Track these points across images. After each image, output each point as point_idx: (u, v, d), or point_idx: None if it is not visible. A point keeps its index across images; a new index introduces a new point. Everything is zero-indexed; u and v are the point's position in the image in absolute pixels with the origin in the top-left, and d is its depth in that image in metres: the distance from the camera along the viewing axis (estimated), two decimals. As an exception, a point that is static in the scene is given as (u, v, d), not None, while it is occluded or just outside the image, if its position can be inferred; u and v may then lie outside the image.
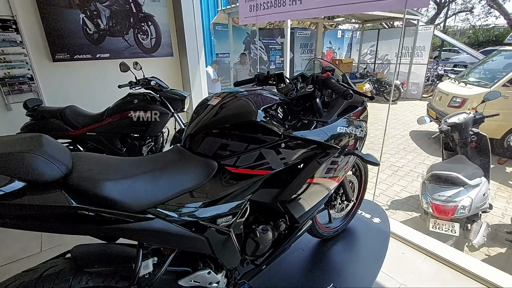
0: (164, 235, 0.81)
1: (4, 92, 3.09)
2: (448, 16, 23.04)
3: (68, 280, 0.77)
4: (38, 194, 0.62)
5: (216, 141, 0.94)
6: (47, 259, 0.87)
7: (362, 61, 11.08)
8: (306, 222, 1.25)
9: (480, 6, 22.31)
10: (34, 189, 0.62)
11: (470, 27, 24.08)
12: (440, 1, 22.03)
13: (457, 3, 22.73)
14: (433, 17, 22.62)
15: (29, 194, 0.61)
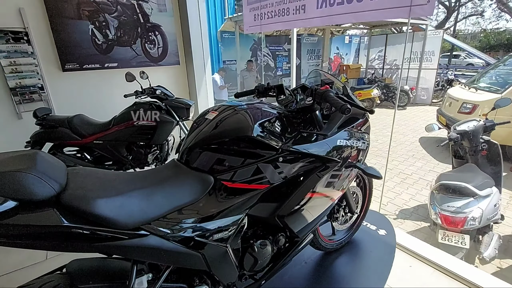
0: (158, 252, 0.80)
1: (15, 101, 3.18)
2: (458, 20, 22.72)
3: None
4: (30, 213, 0.62)
5: (212, 156, 0.93)
6: (51, 267, 0.88)
7: (370, 66, 11.00)
8: (306, 236, 1.22)
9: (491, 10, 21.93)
10: (26, 208, 0.62)
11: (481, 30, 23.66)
12: (450, 5, 21.77)
13: (467, 6, 22.41)
14: (443, 21, 22.34)
15: (21, 213, 0.61)
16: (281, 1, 2.52)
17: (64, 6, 3.21)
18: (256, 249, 1.05)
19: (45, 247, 0.69)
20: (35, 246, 0.67)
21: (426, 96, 9.34)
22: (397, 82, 9.77)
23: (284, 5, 2.52)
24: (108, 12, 3.47)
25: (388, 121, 7.51)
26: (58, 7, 3.19)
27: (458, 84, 6.66)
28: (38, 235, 0.65)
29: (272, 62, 8.71)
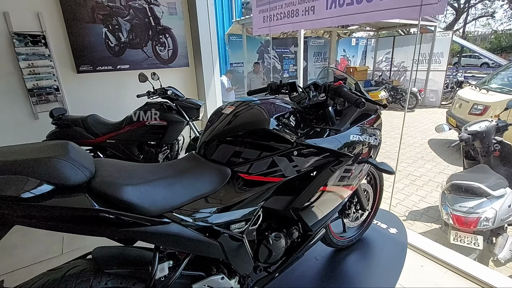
0: (179, 239, 0.83)
1: (32, 102, 3.29)
2: (467, 21, 22.45)
3: (89, 280, 0.81)
4: (64, 197, 0.66)
5: (229, 148, 0.96)
6: (67, 261, 0.92)
7: (377, 68, 10.95)
8: (319, 230, 1.24)
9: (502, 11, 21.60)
10: (60, 192, 0.66)
11: (492, 32, 23.32)
12: (458, 7, 21.55)
13: (477, 8, 22.12)
14: (452, 22, 22.12)
15: (56, 197, 0.65)
16: (290, 3, 2.56)
17: (79, 10, 3.32)
18: (271, 241, 1.08)
19: (76, 230, 0.72)
20: (66, 229, 0.71)
21: (435, 98, 9.24)
22: (405, 84, 9.71)
23: (293, 6, 2.55)
24: (121, 15, 3.57)
25: (395, 123, 7.45)
26: (74, 11, 3.29)
27: (468, 85, 6.59)
28: (70, 218, 0.69)
29: (278, 65, 8.76)
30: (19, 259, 2.11)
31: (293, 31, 7.97)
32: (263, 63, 8.24)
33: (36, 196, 0.63)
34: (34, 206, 0.64)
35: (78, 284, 0.79)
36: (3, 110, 3.20)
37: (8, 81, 3.18)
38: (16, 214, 0.64)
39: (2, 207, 0.62)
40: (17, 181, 0.61)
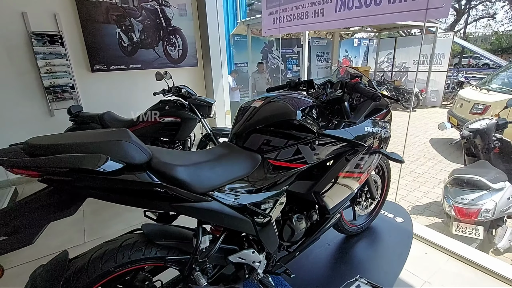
0: (219, 215, 0.95)
1: (49, 99, 3.41)
2: (468, 22, 22.57)
3: (142, 250, 0.93)
4: (131, 173, 0.78)
5: (260, 137, 1.09)
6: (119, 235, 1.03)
7: (379, 69, 11.06)
8: (335, 214, 1.36)
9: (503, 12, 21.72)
10: (127, 169, 0.78)
11: (493, 33, 23.43)
12: (459, 8, 21.69)
13: (478, 9, 22.25)
14: (453, 23, 22.25)
15: (125, 173, 0.77)
16: (300, 5, 2.68)
17: (94, 11, 3.44)
18: (294, 222, 1.20)
19: (136, 203, 0.84)
20: (129, 202, 0.83)
21: (436, 99, 9.36)
22: (406, 84, 9.83)
23: (303, 9, 2.67)
24: (134, 16, 3.69)
25: (397, 123, 7.57)
26: (89, 12, 3.41)
27: (469, 86, 6.71)
28: (134, 192, 0.82)
29: (282, 65, 8.88)
30: (43, 248, 2.22)
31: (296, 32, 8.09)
32: (267, 63, 8.36)
33: (109, 172, 0.75)
34: (107, 180, 0.76)
35: (133, 253, 0.91)
36: (21, 107, 3.32)
37: (26, 79, 3.30)
38: (90, 186, 0.76)
39: (80, 180, 0.74)
40: (94, 158, 0.72)
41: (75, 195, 0.79)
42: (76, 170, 0.71)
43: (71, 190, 0.77)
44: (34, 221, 0.74)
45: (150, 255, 0.93)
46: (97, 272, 0.86)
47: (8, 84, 3.20)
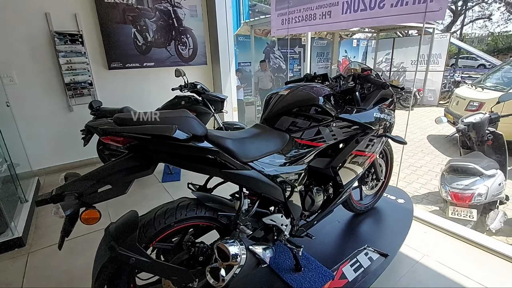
0: (257, 182, 1.16)
1: (68, 95, 3.61)
2: (465, 23, 22.91)
3: (194, 210, 1.14)
4: (195, 142, 0.99)
5: (288, 119, 1.30)
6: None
7: (377, 69, 11.32)
8: (347, 190, 1.57)
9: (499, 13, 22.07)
10: (192, 139, 0.99)
11: (489, 34, 23.80)
12: (456, 9, 22.03)
13: (474, 10, 22.61)
14: (449, 25, 22.59)
15: (190, 141, 0.98)
16: (308, 7, 2.90)
17: (112, 12, 3.64)
18: (313, 194, 1.41)
19: (195, 168, 1.05)
20: (189, 167, 1.04)
21: (433, 98, 9.62)
22: (404, 84, 10.08)
23: (311, 11, 2.89)
24: (148, 17, 3.89)
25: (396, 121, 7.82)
26: (107, 13, 3.61)
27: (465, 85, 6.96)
28: (193, 158, 1.02)
29: (283, 64, 9.10)
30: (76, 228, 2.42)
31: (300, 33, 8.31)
32: (269, 62, 8.58)
33: (179, 139, 0.95)
34: (177, 146, 0.96)
35: (188, 212, 1.12)
36: (43, 102, 3.51)
37: (49, 76, 3.50)
38: (163, 151, 0.97)
39: (157, 144, 0.95)
40: (169, 128, 0.93)
41: (150, 160, 0.99)
42: (155, 136, 0.92)
43: (146, 155, 0.98)
44: (122, 178, 0.95)
45: (201, 214, 1.14)
46: (161, 225, 1.07)
47: (32, 80, 3.40)
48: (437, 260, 1.84)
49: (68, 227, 0.93)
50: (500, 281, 1.69)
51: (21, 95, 3.36)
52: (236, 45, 8.44)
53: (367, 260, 1.60)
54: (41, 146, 3.60)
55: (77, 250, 2.17)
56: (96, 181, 0.93)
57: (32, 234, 2.41)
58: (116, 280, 1.04)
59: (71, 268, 1.96)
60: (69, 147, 3.71)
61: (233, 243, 1.07)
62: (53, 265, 2.00)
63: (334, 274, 1.50)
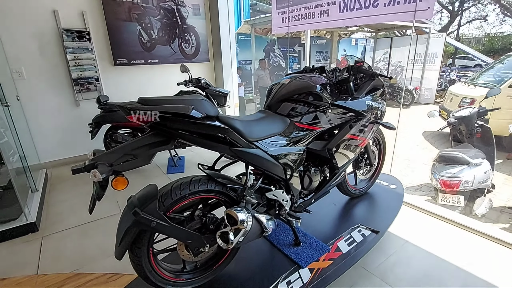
0: (261, 159, 1.31)
1: (76, 90, 3.74)
2: (461, 24, 23.15)
3: (206, 184, 1.28)
4: (208, 121, 1.14)
5: (289, 105, 1.45)
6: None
7: (376, 68, 11.50)
8: (341, 171, 1.73)
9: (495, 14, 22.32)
10: (206, 118, 1.14)
11: (485, 34, 24.06)
12: (453, 10, 22.25)
13: (471, 11, 22.83)
14: (447, 25, 22.81)
15: (204, 120, 1.13)
16: (308, 6, 3.05)
17: (118, 10, 3.78)
18: (311, 173, 1.56)
19: (206, 145, 1.19)
20: (202, 143, 1.18)
21: (430, 96, 9.81)
22: (401, 82, 10.26)
23: (310, 9, 3.04)
24: (153, 15, 4.03)
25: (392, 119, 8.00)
26: (113, 11, 3.75)
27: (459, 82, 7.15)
28: (206, 136, 1.17)
29: (283, 63, 9.26)
30: (85, 215, 2.56)
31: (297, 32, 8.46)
32: (269, 61, 8.74)
33: (195, 118, 1.10)
34: (193, 123, 1.11)
35: (200, 185, 1.27)
36: (51, 97, 3.65)
37: (57, 72, 3.63)
38: (179, 128, 1.12)
39: (175, 122, 1.09)
40: (187, 107, 1.07)
41: (169, 136, 1.14)
42: (175, 114, 1.07)
43: (166, 132, 1.13)
44: (146, 151, 1.10)
45: (211, 188, 1.29)
46: (177, 196, 1.21)
47: (40, 76, 3.53)
48: (425, 240, 2.00)
49: (100, 192, 1.07)
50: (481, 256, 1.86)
51: (30, 90, 3.49)
52: (237, 44, 8.59)
53: (360, 236, 1.75)
54: (49, 140, 3.73)
55: (88, 234, 2.32)
56: (124, 153, 1.07)
57: (44, 220, 2.55)
58: (138, 243, 1.19)
59: (83, 250, 2.10)
60: (76, 141, 3.84)
61: (240, 211, 1.22)
62: (66, 248, 2.15)
63: (330, 248, 1.66)
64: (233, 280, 1.47)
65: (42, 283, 1.79)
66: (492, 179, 2.86)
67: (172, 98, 1.14)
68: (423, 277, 1.70)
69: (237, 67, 7.62)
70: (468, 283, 1.65)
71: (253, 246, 1.73)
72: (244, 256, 1.63)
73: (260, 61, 8.10)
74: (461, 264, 1.78)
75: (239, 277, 1.50)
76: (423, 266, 1.78)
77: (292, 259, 1.58)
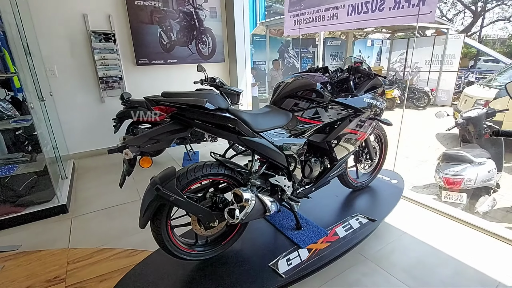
0: (266, 148, 1.49)
1: (101, 88, 4.06)
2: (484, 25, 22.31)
3: (216, 168, 1.48)
4: (220, 112, 1.34)
5: (292, 101, 1.62)
6: None
7: (392, 68, 11.39)
8: (340, 163, 1.87)
9: (520, 15, 21.35)
10: (218, 110, 1.33)
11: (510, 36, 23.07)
12: (476, 10, 21.50)
13: (494, 11, 21.98)
14: (469, 25, 22.07)
15: (217, 112, 1.33)
16: (318, 10, 3.20)
17: (141, 14, 4.07)
18: (312, 163, 1.72)
19: (217, 133, 1.39)
20: (214, 132, 1.38)
21: (446, 98, 9.63)
22: (418, 83, 10.13)
23: (320, 13, 3.19)
24: (173, 18, 4.30)
25: (406, 119, 7.96)
26: (137, 14, 4.04)
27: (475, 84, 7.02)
28: (218, 125, 1.36)
29: (297, 63, 9.39)
30: (109, 200, 2.84)
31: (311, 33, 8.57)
32: (283, 62, 8.90)
33: (208, 109, 1.30)
34: (206, 114, 1.31)
35: (212, 169, 1.46)
36: (79, 94, 3.98)
37: (84, 70, 3.96)
38: (195, 118, 1.31)
39: (192, 112, 1.29)
40: (201, 100, 1.27)
41: (186, 125, 1.34)
42: (192, 106, 1.27)
43: (184, 122, 1.33)
44: (167, 137, 1.30)
45: (221, 172, 1.48)
46: (192, 177, 1.41)
47: (70, 74, 3.87)
48: (421, 232, 2.10)
49: (129, 169, 1.28)
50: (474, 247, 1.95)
51: (61, 87, 3.83)
52: (252, 45, 8.81)
53: (357, 223, 1.89)
54: (76, 133, 4.07)
55: (112, 216, 2.58)
56: (149, 138, 1.29)
57: (73, 204, 2.84)
58: (158, 216, 1.40)
59: (107, 230, 2.36)
60: (100, 135, 4.16)
61: (246, 191, 1.40)
62: (93, 227, 2.41)
63: (328, 232, 1.81)
64: (239, 255, 1.66)
65: (73, 255, 2.05)
66: (498, 179, 2.90)
67: (189, 93, 1.34)
68: (416, 264, 1.82)
69: (252, 68, 7.84)
70: (460, 271, 1.76)
71: (258, 228, 1.91)
72: (250, 237, 1.82)
73: (274, 62, 8.27)
74: (454, 254, 1.88)
75: (244, 253, 1.69)
76: (417, 255, 1.90)
77: (293, 240, 1.75)
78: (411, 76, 10.59)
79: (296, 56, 9.20)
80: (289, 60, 9.23)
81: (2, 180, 2.57)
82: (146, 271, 1.61)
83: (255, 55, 8.55)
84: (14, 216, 2.44)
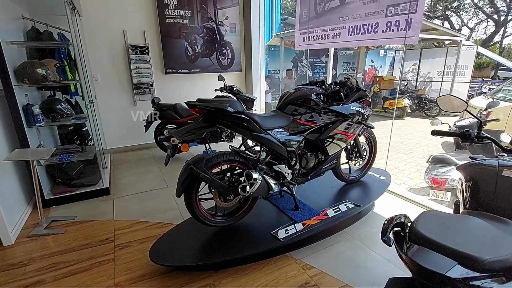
0: (271, 142, 1.97)
1: (135, 93, 4.70)
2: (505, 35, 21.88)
3: (233, 155, 1.97)
4: (237, 114, 1.84)
5: (292, 107, 2.10)
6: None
7: (404, 78, 11.60)
8: (332, 158, 2.32)
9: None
10: (236, 113, 1.83)
11: (533, 46, 22.45)
12: (498, 19, 21.17)
13: (517, 21, 21.52)
14: (491, 35, 21.73)
15: (235, 114, 1.83)
16: (323, 29, 3.68)
17: (171, 29, 4.69)
18: (307, 156, 2.18)
19: (234, 129, 1.89)
20: (233, 129, 1.88)
21: (459, 108, 9.72)
22: (430, 93, 10.30)
23: (325, 32, 3.67)
24: (197, 33, 4.90)
25: (416, 128, 8.19)
26: (167, 30, 4.67)
27: (483, 95, 7.19)
28: (236, 124, 1.87)
29: (310, 72, 9.85)
30: (142, 186, 3.40)
31: (324, 43, 9.00)
32: (297, 71, 9.39)
33: (230, 112, 1.80)
34: (228, 115, 1.81)
35: (230, 156, 1.96)
36: (117, 98, 4.63)
37: (122, 77, 4.61)
38: (220, 117, 1.82)
39: (218, 114, 1.81)
40: (224, 105, 1.78)
41: (213, 123, 1.86)
42: (217, 109, 1.78)
43: (212, 120, 1.84)
44: (199, 130, 1.82)
45: (237, 159, 1.97)
46: (215, 161, 1.91)
47: (110, 80, 4.53)
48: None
49: (173, 151, 1.80)
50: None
51: (102, 91, 4.48)
52: (267, 55, 9.38)
53: (345, 207, 2.33)
54: (112, 131, 4.71)
55: (145, 198, 3.12)
56: (187, 131, 1.81)
57: (113, 188, 3.42)
58: (190, 189, 1.91)
59: (143, 208, 2.90)
60: (132, 134, 4.79)
61: (254, 172, 1.89)
62: (131, 205, 2.96)
63: (320, 213, 2.26)
64: (248, 226, 2.15)
65: (118, 224, 2.60)
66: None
67: (216, 100, 1.86)
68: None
69: (266, 76, 8.37)
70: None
71: (264, 208, 2.39)
72: (257, 214, 2.29)
73: (287, 71, 8.77)
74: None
75: (252, 224, 2.17)
76: (395, 235, 2.30)
77: (291, 217, 2.21)
78: (423, 86, 10.77)
79: (309, 65, 9.67)
80: (303, 70, 9.71)
81: (60, 166, 3.19)
82: (177, 233, 2.12)
83: (270, 64, 9.09)
84: (70, 194, 3.04)
